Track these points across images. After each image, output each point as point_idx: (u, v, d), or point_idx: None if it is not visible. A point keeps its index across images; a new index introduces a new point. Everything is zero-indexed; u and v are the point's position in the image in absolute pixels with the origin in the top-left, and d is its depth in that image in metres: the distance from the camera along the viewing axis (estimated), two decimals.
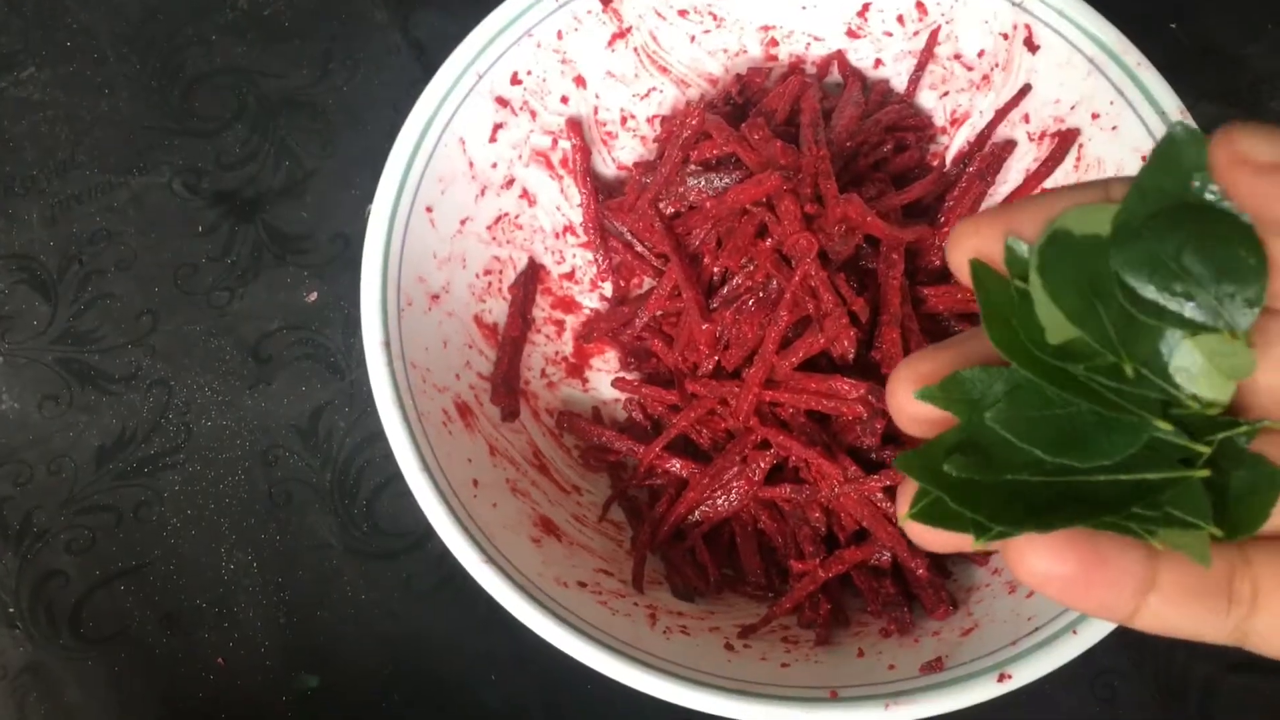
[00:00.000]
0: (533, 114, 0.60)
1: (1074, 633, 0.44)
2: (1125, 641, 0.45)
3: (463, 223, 0.58)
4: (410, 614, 0.59)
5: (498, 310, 0.60)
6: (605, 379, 0.62)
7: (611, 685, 0.46)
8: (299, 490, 0.62)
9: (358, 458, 0.62)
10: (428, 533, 0.59)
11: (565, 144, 0.61)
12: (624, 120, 0.63)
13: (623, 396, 0.61)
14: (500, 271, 0.60)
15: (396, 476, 0.61)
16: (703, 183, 0.57)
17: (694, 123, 0.57)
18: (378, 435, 0.62)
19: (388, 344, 0.51)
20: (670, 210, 0.58)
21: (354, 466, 0.62)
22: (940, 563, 0.54)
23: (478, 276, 0.59)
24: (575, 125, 0.61)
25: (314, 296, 0.66)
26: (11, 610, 0.61)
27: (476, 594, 0.47)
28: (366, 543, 0.61)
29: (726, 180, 0.56)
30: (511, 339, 0.59)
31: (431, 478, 0.49)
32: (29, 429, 0.64)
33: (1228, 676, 0.55)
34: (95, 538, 0.62)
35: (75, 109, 0.72)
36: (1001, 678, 0.44)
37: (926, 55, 0.60)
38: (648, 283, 0.62)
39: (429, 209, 0.56)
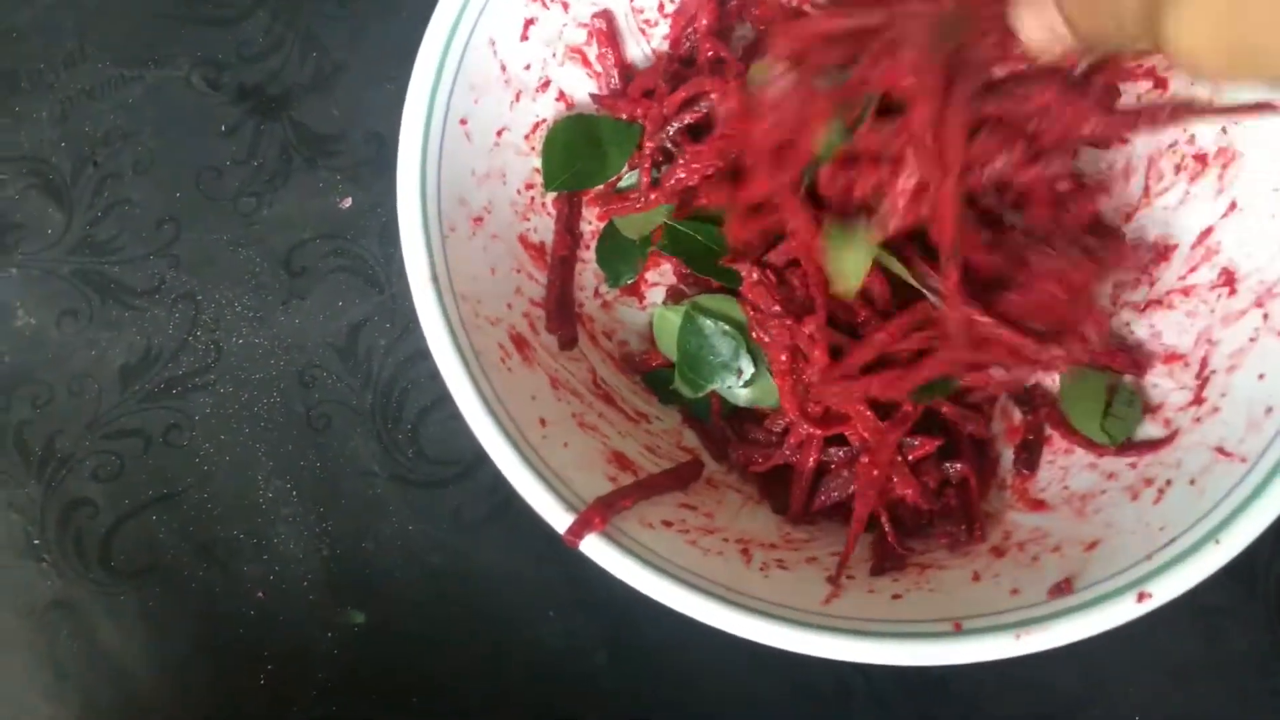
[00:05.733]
0: (564, 5, 0.54)
1: (1216, 541, 0.40)
2: (1231, 573, 0.40)
3: (499, 133, 0.53)
4: (461, 546, 0.56)
5: (543, 228, 0.55)
6: (662, 294, 0.56)
7: (682, 619, 0.42)
8: (338, 413, 0.58)
9: (401, 379, 0.58)
10: (478, 459, 0.55)
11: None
12: (661, 6, 0.57)
13: None
14: (541, 184, 0.55)
15: (443, 399, 0.56)
16: None
17: (705, 23, 0.50)
18: (421, 354, 0.58)
19: (435, 278, 0.46)
20: None
21: (397, 388, 0.58)
22: (1031, 459, 0.49)
23: (519, 192, 0.54)
24: (608, 16, 0.55)
25: (348, 203, 0.61)
26: (37, 542, 0.57)
27: (533, 525, 0.43)
28: (412, 470, 0.57)
29: None
30: (560, 258, 0.54)
31: (498, 422, 0.44)
32: (47, 347, 0.60)
33: None
34: (123, 464, 0.58)
35: None
36: (1141, 596, 0.40)
37: None
38: None
39: (463, 121, 0.50)
